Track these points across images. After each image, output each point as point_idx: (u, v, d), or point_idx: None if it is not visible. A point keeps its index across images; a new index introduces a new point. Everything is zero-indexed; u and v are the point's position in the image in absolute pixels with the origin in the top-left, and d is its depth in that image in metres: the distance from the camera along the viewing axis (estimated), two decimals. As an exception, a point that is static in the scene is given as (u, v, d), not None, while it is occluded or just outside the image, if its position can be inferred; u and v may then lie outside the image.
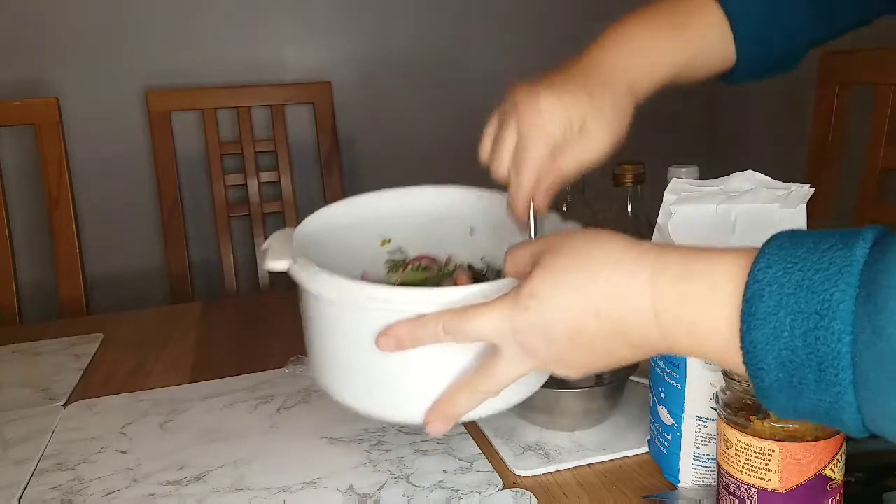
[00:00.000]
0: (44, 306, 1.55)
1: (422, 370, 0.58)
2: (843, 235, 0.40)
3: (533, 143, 0.63)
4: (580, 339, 0.48)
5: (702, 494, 0.62)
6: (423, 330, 0.55)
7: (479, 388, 0.55)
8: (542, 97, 0.62)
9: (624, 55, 0.66)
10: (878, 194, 1.29)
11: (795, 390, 0.40)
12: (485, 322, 0.52)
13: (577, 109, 0.63)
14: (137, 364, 0.94)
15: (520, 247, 0.55)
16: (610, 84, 0.65)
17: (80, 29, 1.69)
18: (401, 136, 1.92)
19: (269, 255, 0.64)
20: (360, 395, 0.62)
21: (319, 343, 0.63)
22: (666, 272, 0.45)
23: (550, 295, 0.49)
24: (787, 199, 0.60)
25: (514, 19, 1.95)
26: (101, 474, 0.69)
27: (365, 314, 0.57)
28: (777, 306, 0.39)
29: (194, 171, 1.69)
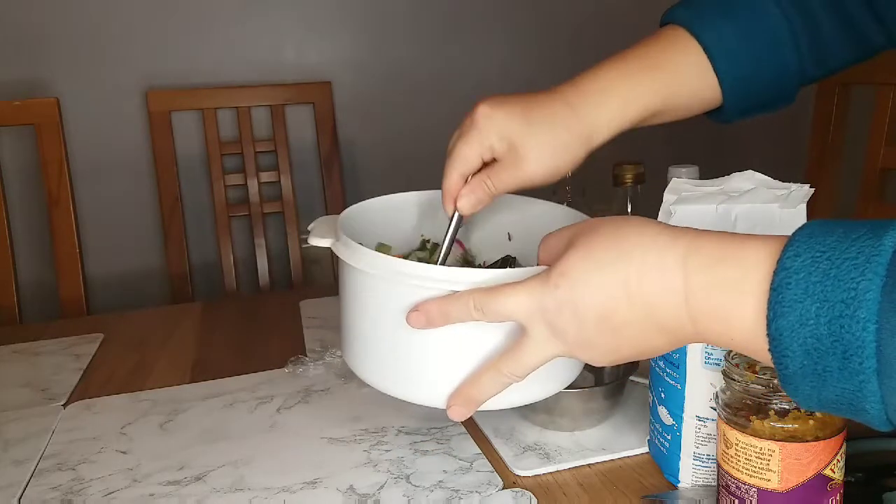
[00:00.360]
0: (44, 306, 1.55)
1: (448, 352, 0.59)
2: (874, 226, 0.40)
3: (458, 148, 0.66)
4: (610, 321, 0.48)
5: (702, 494, 0.62)
6: (454, 306, 0.55)
7: (505, 370, 0.55)
8: (481, 107, 0.65)
9: (589, 90, 0.66)
10: (878, 194, 1.29)
11: (819, 378, 0.40)
12: (515, 300, 0.52)
13: (509, 128, 0.65)
14: (137, 364, 0.94)
15: (553, 234, 0.55)
16: (562, 115, 0.65)
17: (80, 29, 1.69)
18: (401, 136, 1.92)
19: (314, 232, 0.68)
20: (387, 374, 0.64)
21: (354, 321, 0.65)
22: (698, 256, 0.46)
23: (582, 272, 0.49)
24: (787, 199, 0.60)
25: (515, 20, 1.95)
26: (101, 474, 0.69)
27: (398, 289, 0.59)
28: (804, 294, 0.40)
29: (194, 171, 1.69)
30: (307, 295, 1.15)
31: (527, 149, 0.65)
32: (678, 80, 0.67)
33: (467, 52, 1.94)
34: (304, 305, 1.10)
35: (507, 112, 0.65)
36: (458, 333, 0.58)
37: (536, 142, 0.65)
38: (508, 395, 0.58)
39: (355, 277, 0.63)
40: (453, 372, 0.59)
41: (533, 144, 0.65)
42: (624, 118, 0.66)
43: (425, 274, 0.58)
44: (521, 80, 1.95)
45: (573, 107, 0.65)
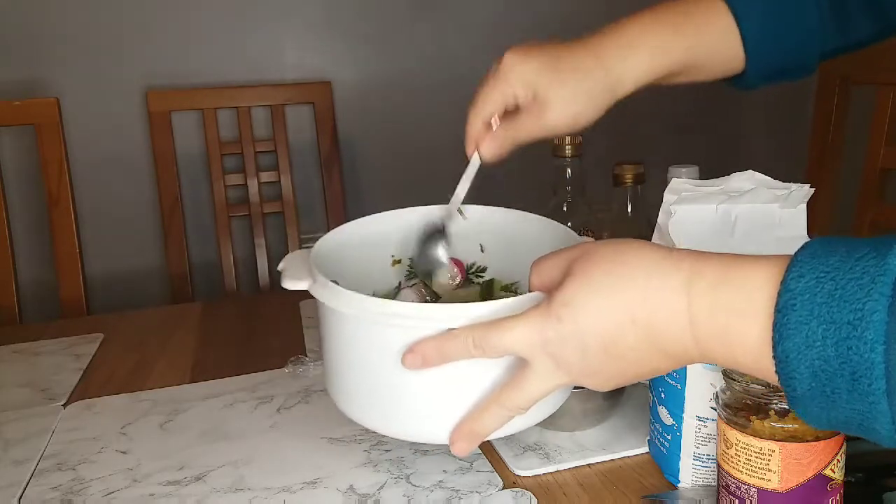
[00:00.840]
0: (44, 306, 1.55)
1: (446, 389, 0.57)
2: (876, 244, 0.40)
3: (485, 93, 0.66)
4: (615, 348, 0.48)
5: (702, 494, 0.62)
6: (451, 345, 0.54)
7: (508, 404, 0.54)
8: (508, 55, 0.66)
9: (616, 44, 0.67)
10: (878, 194, 1.29)
11: (828, 400, 0.40)
12: (516, 334, 0.51)
13: (535, 77, 0.65)
14: (137, 364, 0.94)
15: (546, 258, 0.54)
16: (588, 67, 0.66)
17: (80, 29, 1.69)
18: (401, 136, 1.92)
19: (287, 275, 0.64)
20: (384, 416, 0.61)
21: (342, 364, 0.62)
22: (701, 280, 0.45)
23: (584, 302, 0.48)
24: (787, 199, 0.60)
25: (515, 20, 1.95)
26: (101, 474, 0.69)
27: (389, 331, 0.56)
28: (809, 316, 0.39)
29: (194, 171, 1.69)
30: (307, 295, 1.14)
31: (551, 99, 0.65)
32: (704, 39, 0.68)
33: (467, 51, 1.94)
34: (304, 305, 1.10)
35: (533, 61, 0.65)
36: (457, 369, 0.55)
37: (561, 92, 0.65)
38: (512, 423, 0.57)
39: (340, 320, 0.60)
40: (454, 408, 0.57)
41: (558, 95, 0.65)
42: (649, 71, 0.67)
43: (416, 314, 0.55)
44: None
45: (600, 58, 0.66)
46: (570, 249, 0.52)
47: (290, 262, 0.67)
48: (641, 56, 0.67)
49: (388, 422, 0.61)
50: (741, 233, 0.61)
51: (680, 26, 0.68)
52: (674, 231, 0.61)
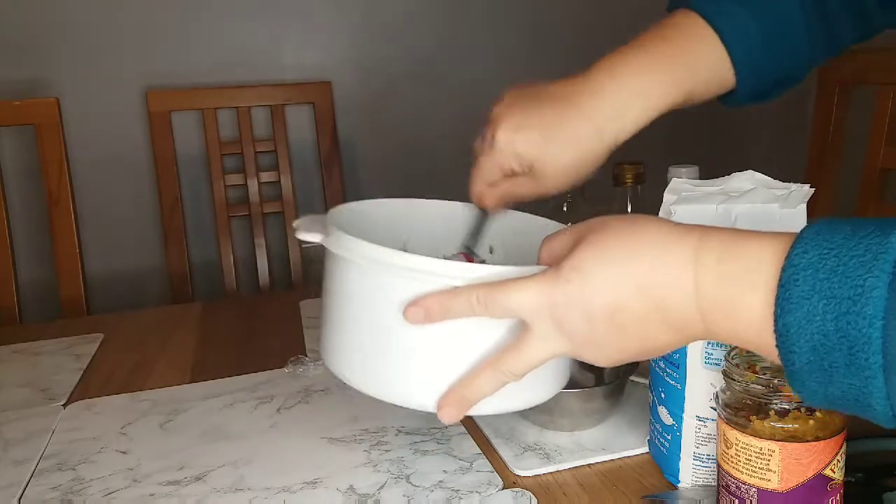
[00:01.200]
0: (44, 306, 1.55)
1: (442, 351, 0.57)
2: (882, 224, 0.40)
3: (480, 163, 0.68)
4: (619, 318, 0.48)
5: (702, 494, 0.62)
6: (456, 301, 0.54)
7: (503, 367, 0.54)
8: (500, 132, 0.66)
9: (610, 103, 0.65)
10: (878, 194, 1.29)
11: (826, 374, 0.40)
12: (522, 295, 0.51)
13: (529, 151, 0.66)
14: (137, 364, 0.94)
15: (556, 234, 0.55)
16: (581, 135, 0.65)
17: (80, 29, 1.69)
18: (401, 136, 1.92)
19: (302, 228, 0.65)
20: (376, 376, 0.61)
21: (341, 319, 0.62)
22: (708, 252, 0.46)
23: (594, 267, 0.49)
24: (787, 199, 0.60)
25: (514, 19, 1.95)
26: (101, 474, 0.69)
27: (398, 282, 0.56)
28: (811, 291, 0.40)
29: (194, 171, 1.69)
30: (307, 295, 1.15)
31: (546, 169, 0.66)
32: (697, 70, 0.67)
33: (467, 51, 1.94)
34: (304, 305, 1.10)
35: (525, 134, 0.66)
36: (455, 330, 0.55)
37: (555, 162, 0.66)
38: (503, 398, 0.56)
39: (348, 272, 0.60)
40: (447, 372, 0.57)
41: (553, 166, 0.66)
42: (645, 116, 0.66)
43: (426, 268, 0.55)
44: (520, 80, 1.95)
45: (593, 121, 0.65)
46: (581, 224, 0.53)
47: (305, 219, 0.68)
48: (636, 103, 0.66)
49: (376, 382, 0.61)
50: (747, 231, 0.61)
51: (672, 61, 0.66)
52: (674, 231, 0.61)
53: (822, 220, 0.43)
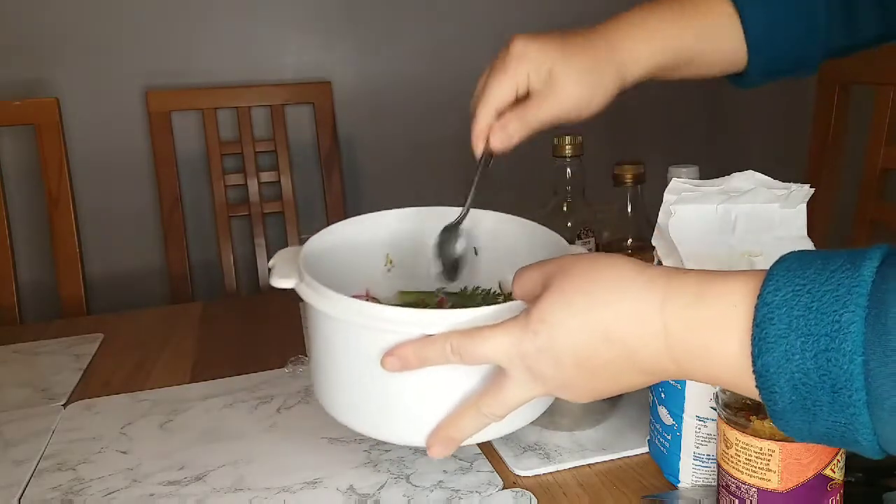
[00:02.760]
0: (44, 306, 1.55)
1: (425, 393, 0.58)
2: (851, 255, 0.40)
3: (496, 80, 0.65)
4: (589, 364, 0.48)
5: (702, 494, 0.62)
6: (430, 350, 0.54)
7: (485, 410, 0.55)
8: (516, 41, 0.65)
9: (623, 31, 0.67)
10: (878, 194, 1.29)
11: (809, 413, 0.40)
12: (493, 344, 0.51)
13: (545, 59, 0.64)
14: (137, 364, 0.94)
15: (528, 269, 0.54)
16: (596, 51, 0.66)
17: (80, 29, 1.69)
18: (401, 136, 1.92)
19: (275, 272, 0.65)
20: (363, 416, 0.62)
21: (324, 362, 0.63)
22: (676, 298, 0.45)
23: (560, 319, 0.48)
24: (787, 199, 0.60)
25: (513, 20, 1.95)
26: (101, 474, 0.69)
27: (371, 334, 0.57)
28: (787, 329, 0.39)
29: (194, 171, 1.69)
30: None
31: (563, 79, 0.64)
32: (708, 31, 0.68)
33: (467, 51, 1.94)
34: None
35: (543, 44, 0.65)
36: (436, 375, 0.56)
37: (573, 71, 0.64)
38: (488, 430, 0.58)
39: (323, 321, 0.61)
40: (431, 413, 0.58)
41: (570, 74, 0.64)
42: (656, 58, 0.67)
43: (396, 318, 0.56)
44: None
45: (609, 40, 0.66)
46: (549, 262, 0.52)
47: (281, 258, 0.67)
48: (649, 40, 0.67)
49: (367, 423, 0.62)
50: (741, 233, 0.61)
51: (685, 16, 0.68)
52: (674, 231, 0.61)
53: (791, 254, 0.42)
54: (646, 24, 0.67)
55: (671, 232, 0.61)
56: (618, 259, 0.50)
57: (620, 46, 0.66)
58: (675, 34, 0.68)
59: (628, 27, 0.67)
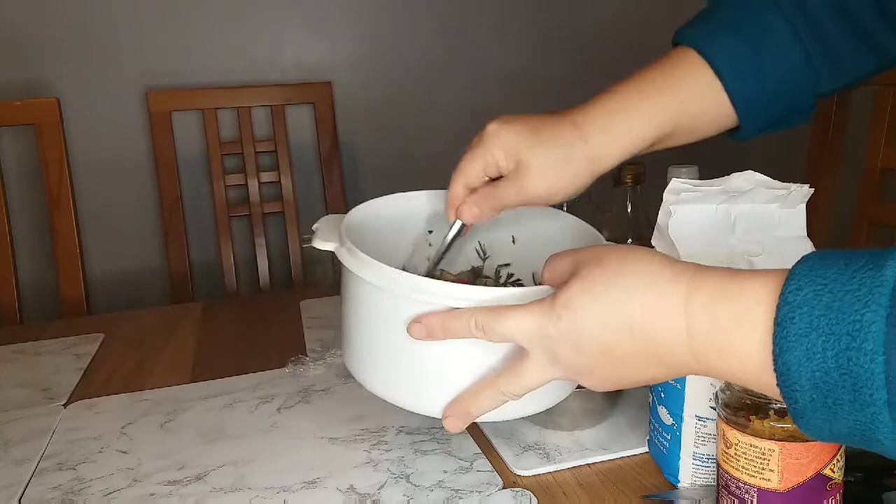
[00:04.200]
0: (44, 306, 1.55)
1: (447, 366, 0.60)
2: (873, 255, 0.40)
3: (468, 158, 0.67)
4: (610, 353, 0.49)
5: (702, 494, 0.62)
6: (456, 322, 0.56)
7: (503, 388, 0.56)
8: (490, 124, 0.66)
9: (599, 114, 0.66)
10: (878, 194, 1.29)
11: (830, 411, 0.40)
12: (517, 323, 0.52)
13: (516, 143, 0.65)
14: (137, 364, 0.94)
15: (559, 256, 0.55)
16: (568, 138, 0.65)
17: (80, 29, 1.69)
18: (401, 136, 1.92)
19: (318, 235, 0.68)
20: (387, 382, 0.64)
21: (355, 326, 0.65)
22: (699, 294, 0.46)
23: (584, 306, 0.49)
24: (787, 199, 0.60)
25: (514, 21, 1.95)
26: (102, 474, 0.69)
27: (402, 302, 0.59)
28: (809, 328, 0.39)
29: (194, 171, 1.69)
30: (307, 295, 1.15)
31: (531, 167, 0.65)
32: (688, 103, 0.67)
33: (468, 52, 1.94)
34: (305, 305, 1.10)
35: (514, 130, 0.65)
36: (459, 348, 0.58)
37: (541, 161, 0.65)
38: (504, 409, 0.58)
39: (357, 285, 0.63)
40: (451, 384, 0.60)
41: (538, 163, 0.65)
42: (632, 144, 0.66)
43: (427, 289, 0.58)
44: (520, 81, 1.95)
45: (581, 130, 0.65)
46: (580, 251, 0.53)
47: (325, 223, 0.70)
48: (623, 128, 0.65)
49: (388, 387, 0.64)
50: (741, 233, 0.61)
51: (661, 92, 0.66)
52: (674, 231, 0.61)
53: (813, 253, 0.42)
54: (623, 107, 0.66)
55: (671, 232, 0.61)
56: (647, 252, 0.50)
57: (593, 137, 0.65)
58: (653, 117, 0.66)
59: (604, 112, 0.66)
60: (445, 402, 0.60)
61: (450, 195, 0.69)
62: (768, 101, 0.68)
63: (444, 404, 0.60)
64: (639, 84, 0.67)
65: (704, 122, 0.69)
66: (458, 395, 0.59)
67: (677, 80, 0.67)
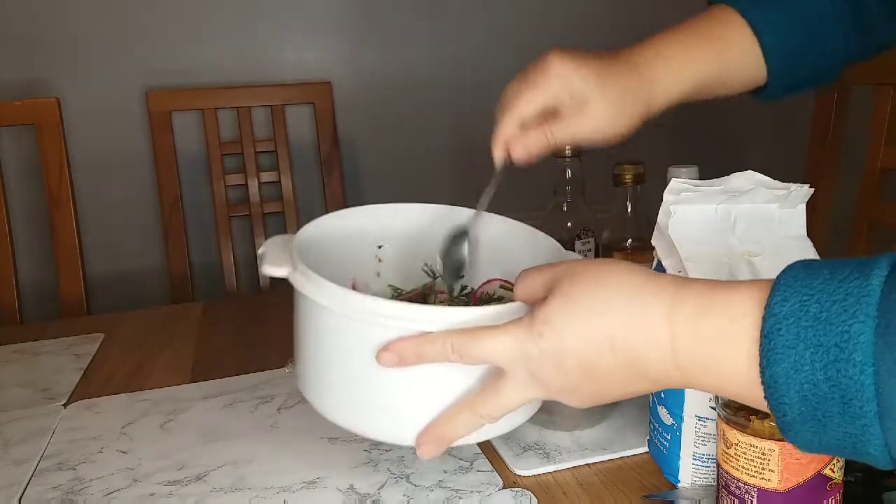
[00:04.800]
0: (44, 306, 1.55)
1: (419, 392, 0.57)
2: (859, 265, 0.39)
3: (524, 95, 0.65)
4: (593, 369, 0.48)
5: (702, 494, 0.62)
6: (430, 347, 0.53)
7: (481, 411, 0.54)
8: (554, 59, 0.65)
9: (652, 62, 0.68)
10: (877, 194, 1.29)
11: (820, 424, 0.39)
12: (496, 345, 0.51)
13: (580, 83, 0.65)
14: (137, 364, 0.94)
15: (532, 271, 0.53)
16: (628, 77, 0.66)
17: (80, 29, 1.69)
18: (401, 136, 1.92)
19: (266, 260, 0.62)
20: (352, 412, 0.60)
21: (313, 355, 0.61)
22: (683, 307, 0.45)
23: (565, 323, 0.48)
24: (787, 199, 0.60)
25: (515, 21, 1.95)
26: (102, 474, 0.69)
27: (368, 328, 0.56)
28: (796, 340, 0.39)
29: (194, 171, 1.69)
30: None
31: (593, 103, 0.65)
32: (728, 55, 0.69)
33: (467, 52, 1.94)
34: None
35: (578, 64, 0.65)
36: (431, 372, 0.55)
37: (604, 96, 0.65)
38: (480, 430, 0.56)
39: (318, 312, 0.59)
40: (424, 411, 0.57)
41: (600, 102, 0.65)
42: (681, 86, 0.68)
43: (397, 314, 0.55)
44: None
45: (639, 70, 0.67)
46: (556, 266, 0.52)
47: (272, 245, 0.65)
48: (673, 71, 0.68)
49: (354, 418, 0.60)
50: (741, 233, 0.61)
51: (706, 42, 0.69)
52: (674, 231, 0.61)
53: (797, 263, 0.42)
54: (672, 54, 0.68)
55: (671, 232, 0.61)
56: (627, 266, 0.49)
57: (650, 77, 0.67)
58: (699, 64, 0.69)
59: (656, 59, 0.68)
60: (416, 429, 0.57)
61: (501, 131, 0.66)
62: (800, 61, 0.70)
63: (415, 432, 0.57)
64: (684, 35, 0.69)
65: (738, 77, 0.70)
66: (432, 421, 0.56)
67: (718, 33, 0.69)
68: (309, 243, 0.66)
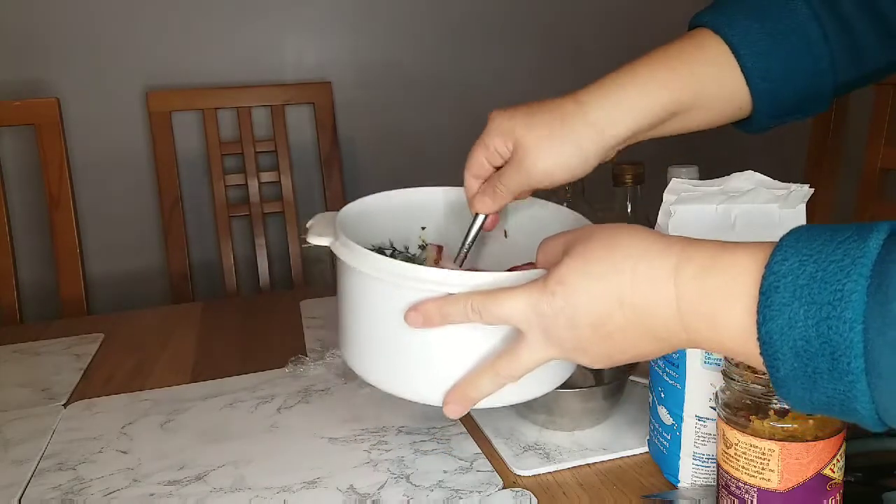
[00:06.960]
0: (44, 306, 1.55)
1: (445, 352, 0.61)
2: (859, 228, 0.41)
3: (473, 154, 0.68)
4: (603, 327, 0.49)
5: (701, 494, 0.62)
6: (452, 307, 0.57)
7: (501, 371, 0.57)
8: (493, 115, 0.67)
9: (602, 91, 0.64)
10: (877, 194, 1.29)
11: (810, 380, 0.40)
12: (512, 305, 0.53)
13: (512, 125, 0.65)
14: (137, 364, 0.94)
15: (552, 238, 0.56)
16: (567, 111, 0.64)
17: (80, 29, 1.69)
18: (401, 136, 1.92)
19: (313, 230, 0.68)
20: (385, 372, 0.64)
21: (353, 320, 0.66)
22: (689, 265, 0.46)
23: (577, 282, 0.50)
24: (787, 199, 0.60)
25: (515, 21, 1.95)
26: (102, 474, 0.69)
27: (397, 291, 0.60)
28: (792, 297, 0.40)
29: (194, 171, 1.69)
30: (307, 295, 1.15)
31: (528, 144, 0.64)
32: (702, 74, 0.65)
33: (467, 51, 1.94)
34: (304, 305, 1.10)
35: (509, 114, 0.66)
36: (456, 334, 0.59)
37: (536, 136, 0.64)
38: (504, 393, 0.59)
39: (354, 278, 0.64)
40: (450, 371, 0.60)
41: (533, 138, 0.64)
42: (638, 115, 0.64)
43: (423, 276, 0.59)
44: (521, 81, 1.95)
45: (581, 104, 0.64)
46: (572, 231, 0.55)
47: (319, 220, 0.71)
48: (627, 97, 0.64)
49: (387, 378, 0.64)
50: (741, 233, 0.61)
51: (671, 67, 0.65)
52: (674, 231, 0.61)
53: (802, 226, 0.43)
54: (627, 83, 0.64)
55: (671, 232, 0.61)
56: (638, 229, 0.51)
57: (596, 108, 0.64)
58: (660, 88, 0.64)
59: (606, 88, 0.65)
60: (444, 389, 0.60)
61: (465, 189, 0.70)
62: (786, 87, 0.66)
63: (443, 392, 0.60)
64: (649, 58, 0.66)
65: (719, 97, 0.66)
66: (456, 382, 0.60)
67: (691, 53, 0.66)
68: (355, 219, 0.71)
